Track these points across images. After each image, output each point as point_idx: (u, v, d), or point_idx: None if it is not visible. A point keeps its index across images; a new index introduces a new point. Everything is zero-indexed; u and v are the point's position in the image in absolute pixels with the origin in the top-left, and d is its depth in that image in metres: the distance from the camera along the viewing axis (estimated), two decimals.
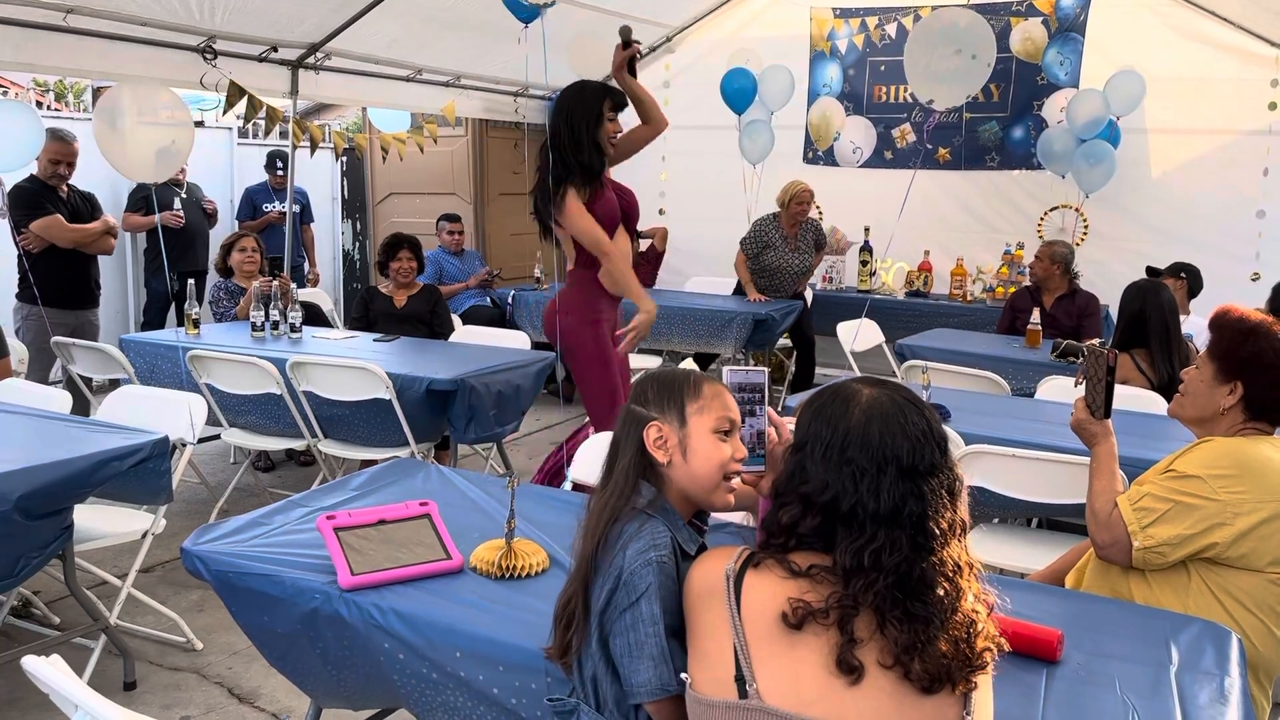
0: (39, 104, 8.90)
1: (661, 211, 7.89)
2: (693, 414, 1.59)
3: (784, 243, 6.35)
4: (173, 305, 6.66)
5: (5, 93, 9.35)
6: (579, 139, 3.55)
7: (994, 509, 3.13)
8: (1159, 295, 3.78)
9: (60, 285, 5.04)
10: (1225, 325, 2.24)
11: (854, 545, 1.29)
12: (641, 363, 6.22)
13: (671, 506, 1.58)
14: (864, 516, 1.29)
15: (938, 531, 1.30)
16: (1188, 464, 2.15)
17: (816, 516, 1.32)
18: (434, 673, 1.80)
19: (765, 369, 1.72)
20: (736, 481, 1.93)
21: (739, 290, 6.52)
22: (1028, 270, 5.57)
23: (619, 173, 7.24)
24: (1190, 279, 5.12)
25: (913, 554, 1.28)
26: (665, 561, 1.47)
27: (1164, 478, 2.16)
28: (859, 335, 5.52)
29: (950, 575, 1.29)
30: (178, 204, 6.58)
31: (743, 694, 1.28)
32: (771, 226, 6.38)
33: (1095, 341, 2.87)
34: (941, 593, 1.28)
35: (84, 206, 5.28)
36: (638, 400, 1.62)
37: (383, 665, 1.87)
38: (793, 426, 1.50)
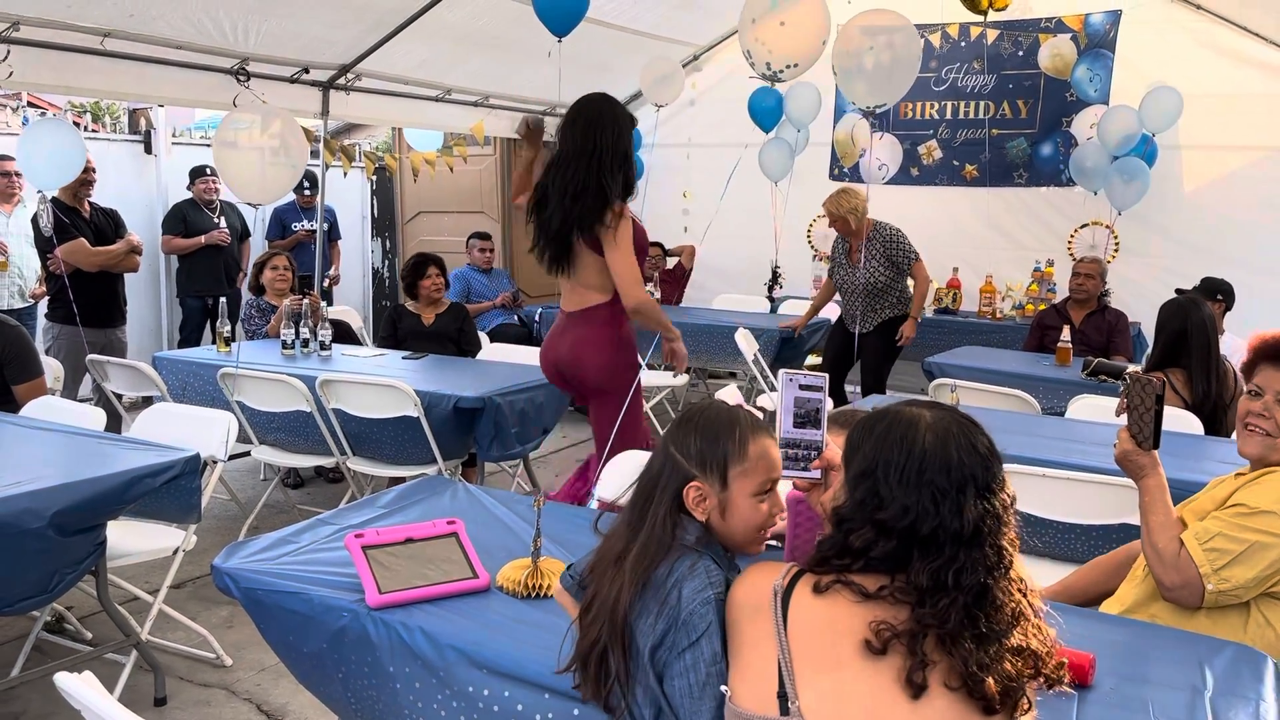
0: (76, 124, 9.06)
1: (685, 229, 7.90)
2: (735, 477, 1.56)
3: (846, 259, 5.80)
4: (208, 322, 6.74)
5: (43, 114, 9.53)
6: (622, 151, 3.35)
7: (1022, 530, 3.09)
8: (1200, 311, 3.73)
9: (88, 304, 5.11)
10: None
11: (932, 565, 1.28)
12: (666, 380, 6.23)
13: (716, 543, 1.58)
14: (945, 538, 1.29)
15: (1008, 548, 1.31)
16: (1259, 498, 2.05)
17: (892, 540, 1.31)
18: (453, 700, 1.80)
19: (825, 375, 1.68)
20: (782, 527, 1.94)
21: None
22: (1076, 285, 5.41)
23: (645, 197, 7.25)
24: (1225, 298, 5.06)
25: (988, 573, 1.29)
26: (721, 599, 1.45)
27: (1234, 514, 2.05)
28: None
29: (1023, 590, 1.31)
30: (223, 223, 6.67)
31: (784, 710, 1.27)
32: (838, 243, 5.92)
33: (1137, 369, 2.82)
34: (1011, 609, 1.29)
35: (107, 224, 5.36)
36: (680, 447, 1.57)
37: (398, 694, 1.87)
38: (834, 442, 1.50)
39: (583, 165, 3.29)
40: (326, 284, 7.04)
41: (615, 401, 3.48)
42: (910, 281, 5.73)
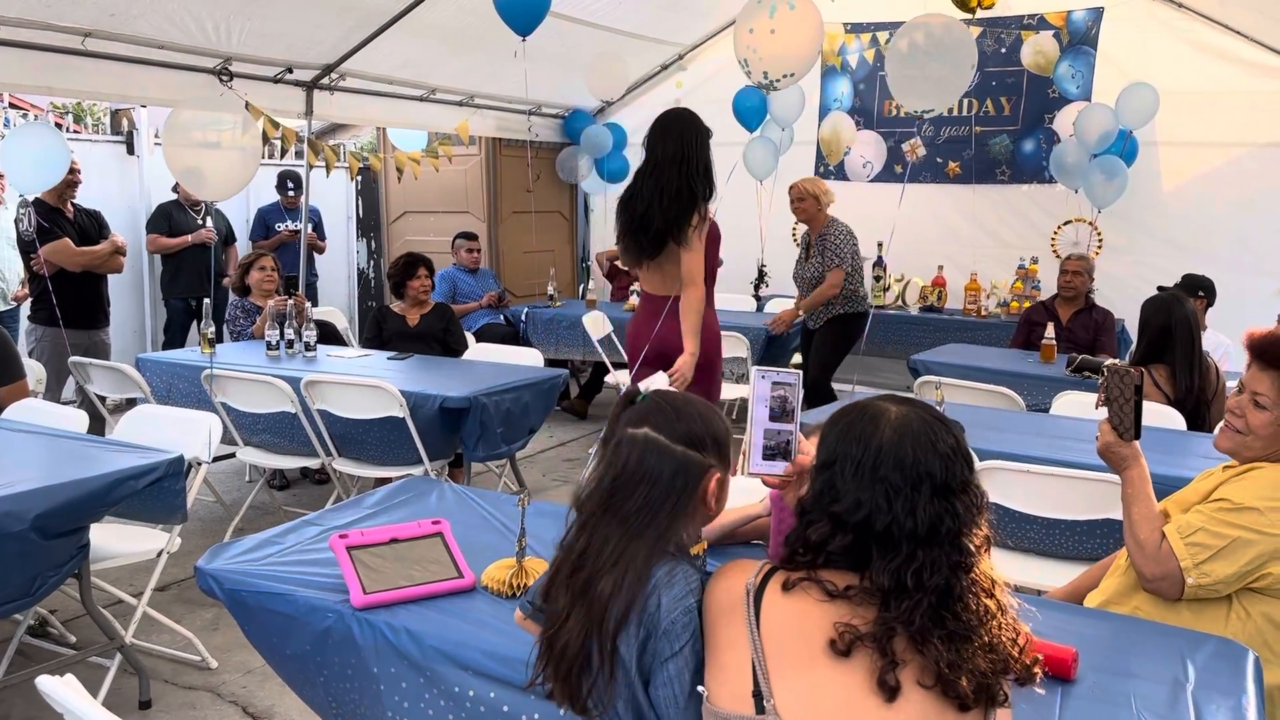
0: (58, 126, 8.99)
1: None
2: (731, 463, 1.60)
3: (805, 252, 5.93)
4: (193, 323, 6.71)
5: (25, 115, 9.45)
6: (706, 160, 3.72)
7: (1007, 527, 3.11)
8: (1183, 308, 3.75)
9: (71, 306, 5.07)
10: None
11: (892, 565, 1.28)
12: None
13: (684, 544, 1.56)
14: (900, 536, 1.28)
15: (972, 549, 1.30)
16: (1242, 494, 2.05)
17: (848, 535, 1.31)
18: (440, 700, 1.80)
19: (799, 371, 1.69)
20: (763, 508, 1.94)
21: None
22: (1064, 283, 5.44)
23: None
24: (1207, 294, 5.09)
25: (951, 572, 1.28)
26: (700, 605, 1.45)
27: (1216, 509, 2.06)
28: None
29: (989, 590, 1.30)
30: (209, 224, 6.65)
31: (760, 709, 1.27)
32: (804, 236, 6.03)
33: (1115, 361, 2.83)
34: (981, 609, 1.28)
35: (91, 225, 5.33)
36: (691, 442, 1.53)
37: (383, 695, 1.86)
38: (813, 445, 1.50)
39: (675, 171, 3.66)
40: (287, 234, 7.12)
41: (705, 373, 3.86)
42: (860, 279, 5.76)
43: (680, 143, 3.70)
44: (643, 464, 1.50)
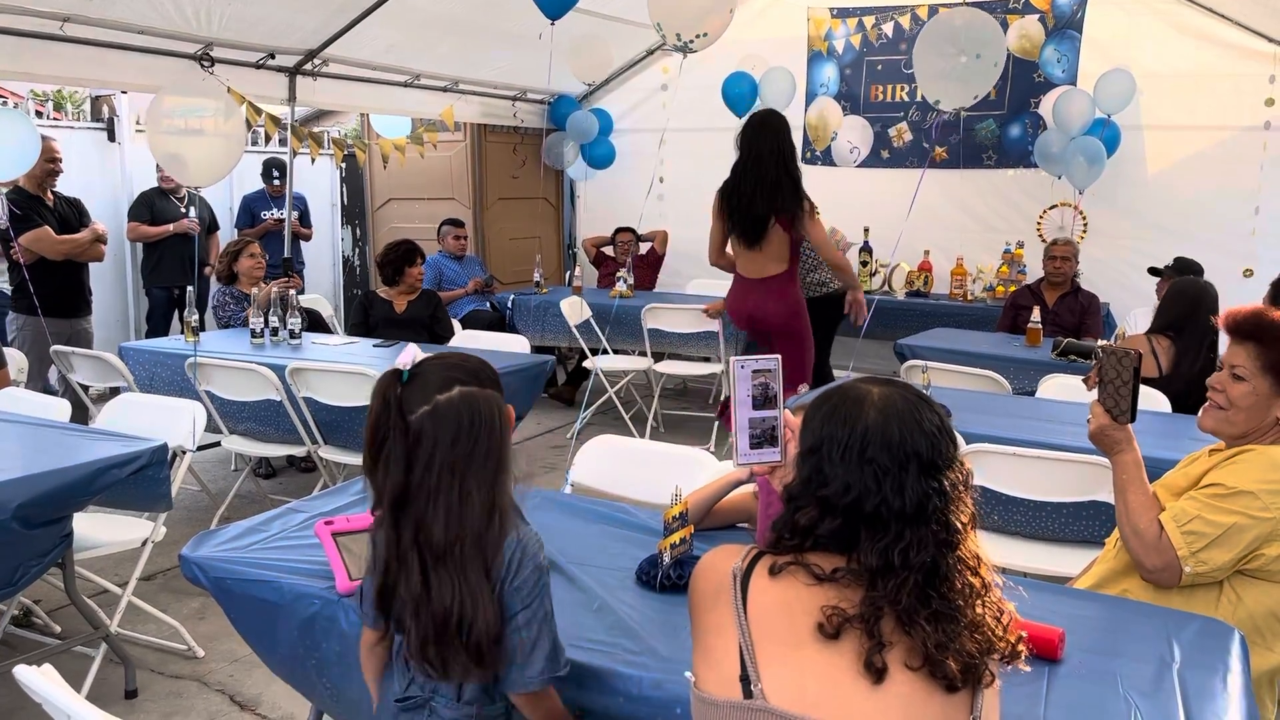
0: (38, 114, 8.90)
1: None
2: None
3: None
4: (176, 312, 6.67)
5: (4, 102, 9.37)
6: (794, 153, 4.38)
7: (994, 510, 3.12)
8: (1212, 294, 3.86)
9: (53, 294, 5.03)
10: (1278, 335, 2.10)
11: (880, 545, 1.27)
12: (631, 365, 6.22)
13: None
14: (889, 516, 1.28)
15: (959, 526, 1.30)
16: (1236, 477, 2.03)
17: (837, 518, 1.31)
18: None
19: (777, 356, 1.69)
20: (745, 473, 1.98)
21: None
22: (1053, 269, 5.47)
23: (617, 182, 7.24)
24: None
25: (938, 550, 1.28)
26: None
27: (1210, 495, 2.03)
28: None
29: (974, 568, 1.30)
30: (192, 213, 6.59)
31: (747, 694, 1.27)
32: None
33: (1108, 342, 2.83)
34: (967, 588, 1.28)
35: (71, 213, 5.28)
36: (494, 387, 1.64)
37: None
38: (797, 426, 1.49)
39: (772, 163, 4.33)
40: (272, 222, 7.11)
41: (796, 341, 4.48)
42: (809, 266, 5.65)
43: (776, 138, 4.35)
44: (475, 417, 1.58)
